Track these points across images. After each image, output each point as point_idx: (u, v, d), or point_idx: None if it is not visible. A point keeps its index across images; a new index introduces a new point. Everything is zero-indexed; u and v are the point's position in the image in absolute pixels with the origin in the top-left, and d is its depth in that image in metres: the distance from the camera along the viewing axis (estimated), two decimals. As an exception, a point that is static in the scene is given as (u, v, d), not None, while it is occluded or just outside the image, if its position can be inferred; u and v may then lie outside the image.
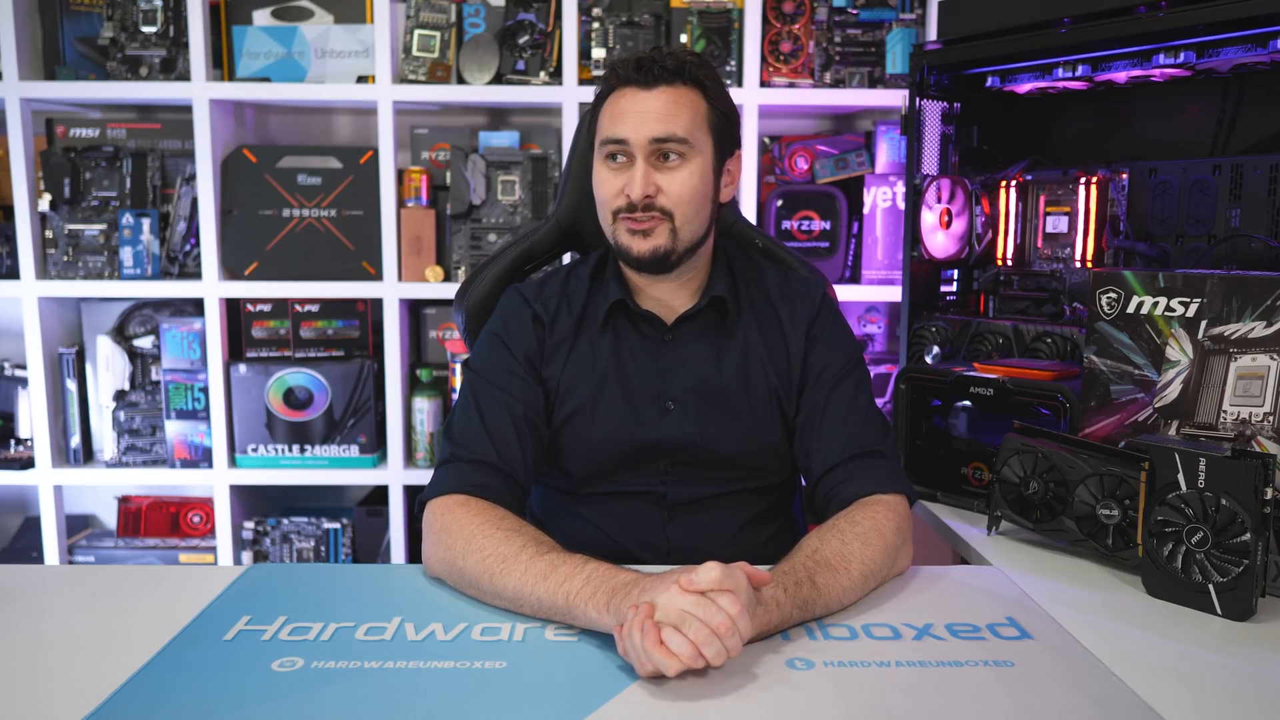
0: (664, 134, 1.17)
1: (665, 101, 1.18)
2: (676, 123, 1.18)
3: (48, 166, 2.18)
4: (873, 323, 2.38)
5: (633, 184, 1.18)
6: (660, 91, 1.18)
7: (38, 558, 2.32)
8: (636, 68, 1.19)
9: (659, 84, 1.18)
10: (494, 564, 1.03)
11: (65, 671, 0.91)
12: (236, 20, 2.19)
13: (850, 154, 2.23)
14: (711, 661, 0.86)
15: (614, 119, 1.19)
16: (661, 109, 1.18)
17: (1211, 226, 1.46)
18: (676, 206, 1.19)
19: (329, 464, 2.24)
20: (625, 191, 1.19)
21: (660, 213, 1.19)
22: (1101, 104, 1.73)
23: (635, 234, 1.20)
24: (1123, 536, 1.18)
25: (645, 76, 1.18)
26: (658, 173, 1.18)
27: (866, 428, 1.24)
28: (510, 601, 1.03)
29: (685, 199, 1.19)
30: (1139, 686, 0.89)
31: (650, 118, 1.17)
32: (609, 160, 1.21)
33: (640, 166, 1.18)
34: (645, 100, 1.18)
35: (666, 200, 1.19)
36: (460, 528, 1.09)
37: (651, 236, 1.19)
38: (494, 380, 1.24)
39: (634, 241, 1.20)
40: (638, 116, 1.18)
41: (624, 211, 1.20)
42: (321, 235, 2.21)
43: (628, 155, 1.19)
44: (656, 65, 1.18)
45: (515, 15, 2.17)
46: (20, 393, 2.34)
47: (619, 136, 1.18)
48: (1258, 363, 1.17)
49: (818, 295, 1.32)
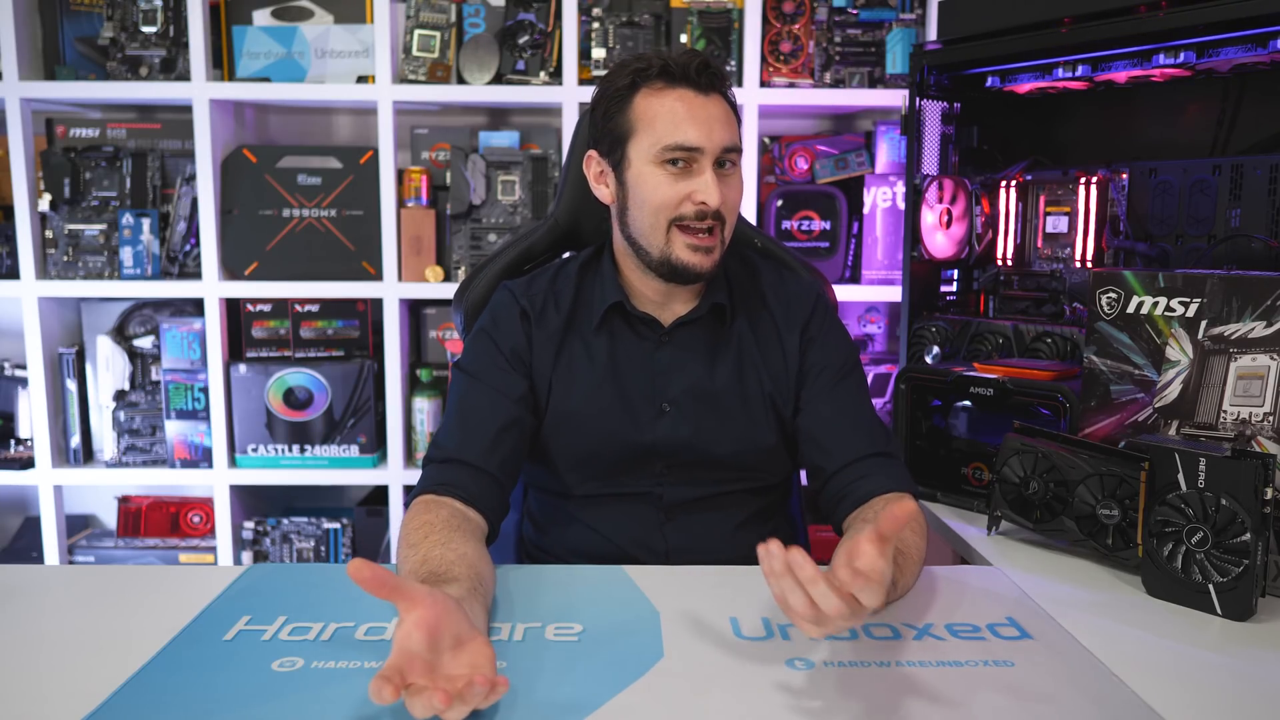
0: (730, 143, 1.17)
1: (723, 109, 1.18)
2: (735, 131, 1.19)
3: (48, 166, 2.18)
4: (873, 323, 2.38)
5: (709, 193, 1.16)
6: (716, 99, 1.18)
7: (38, 558, 2.32)
8: (699, 71, 1.17)
9: (714, 90, 1.18)
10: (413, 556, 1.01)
11: (65, 671, 0.91)
12: (236, 20, 2.19)
13: (850, 154, 2.23)
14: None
15: (677, 123, 1.16)
16: (723, 116, 1.17)
17: (1211, 226, 1.46)
18: (729, 215, 1.20)
19: (329, 464, 2.24)
20: (696, 199, 1.16)
21: (719, 222, 1.19)
22: (1101, 104, 1.73)
23: (699, 250, 1.18)
24: (1123, 536, 1.18)
25: (704, 81, 1.17)
26: (719, 181, 1.17)
27: (874, 429, 1.24)
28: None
29: (737, 207, 1.22)
30: (1139, 686, 0.89)
31: (717, 125, 1.16)
32: (669, 165, 1.17)
33: (711, 174, 1.16)
34: (707, 106, 1.17)
35: (726, 210, 1.19)
36: (406, 533, 1.08)
37: (713, 252, 1.19)
38: (480, 376, 1.24)
39: (697, 258, 1.19)
40: (705, 123, 1.16)
41: (689, 220, 1.18)
42: (321, 235, 2.21)
43: (692, 162, 1.17)
44: (712, 71, 1.17)
45: (515, 15, 2.17)
46: (20, 393, 2.35)
47: (692, 144, 1.15)
48: (1258, 363, 1.17)
49: (813, 295, 1.32)
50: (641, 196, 1.19)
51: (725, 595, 1.09)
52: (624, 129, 1.19)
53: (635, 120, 1.18)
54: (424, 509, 1.10)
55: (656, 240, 1.19)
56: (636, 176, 1.19)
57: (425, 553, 1.01)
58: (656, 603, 1.07)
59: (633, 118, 1.18)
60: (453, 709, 0.75)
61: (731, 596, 1.09)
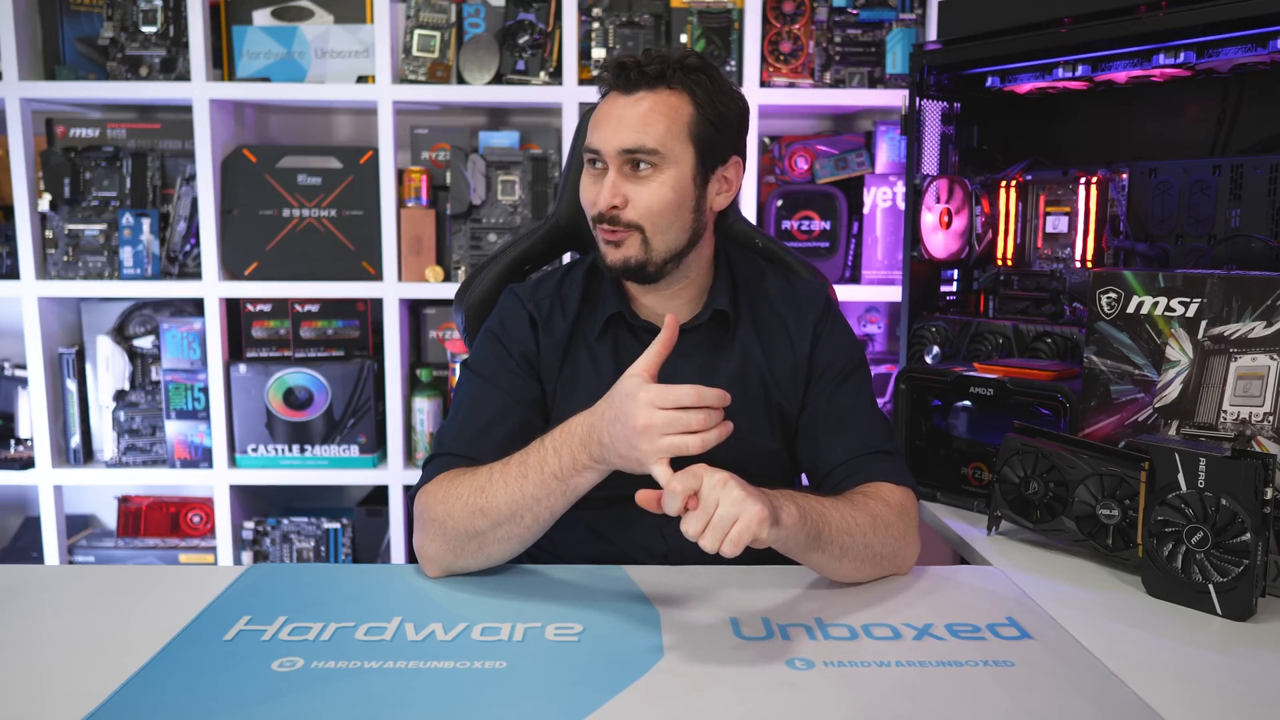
0: (632, 145, 1.14)
1: (643, 109, 1.15)
2: (648, 133, 1.15)
3: (48, 166, 2.18)
4: (873, 323, 2.38)
5: (600, 194, 1.17)
6: (640, 98, 1.16)
7: (38, 558, 2.32)
8: (618, 71, 1.17)
9: (639, 89, 1.16)
10: (476, 498, 1.07)
11: (65, 671, 0.91)
12: (236, 20, 2.19)
13: (850, 154, 2.23)
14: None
15: (593, 125, 1.18)
16: (636, 118, 1.15)
17: (1211, 226, 1.46)
18: (645, 218, 1.17)
19: (329, 464, 2.24)
20: (595, 200, 1.18)
21: (627, 225, 1.17)
22: (1101, 104, 1.73)
23: (609, 244, 1.19)
24: (1123, 536, 1.18)
25: (625, 81, 1.16)
26: (628, 182, 1.16)
27: (873, 429, 1.24)
28: (511, 517, 1.06)
29: (655, 210, 1.17)
30: (1139, 686, 0.89)
31: (623, 126, 1.15)
32: (590, 166, 1.20)
33: (610, 177, 1.16)
34: (623, 107, 1.16)
35: (634, 212, 1.17)
36: (437, 497, 1.11)
37: (622, 247, 1.18)
38: (490, 378, 1.24)
39: (607, 251, 1.20)
40: (612, 125, 1.16)
41: (599, 220, 1.19)
42: (321, 235, 2.21)
43: (604, 163, 1.18)
44: (637, 69, 1.16)
45: (515, 15, 2.17)
46: (20, 393, 2.35)
47: (592, 146, 1.18)
48: (1258, 363, 1.17)
49: (821, 297, 1.32)
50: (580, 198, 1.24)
51: (725, 595, 1.10)
52: (582, 133, 1.24)
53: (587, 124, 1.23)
54: (457, 473, 1.13)
55: (595, 239, 1.22)
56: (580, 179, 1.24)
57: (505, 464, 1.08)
58: (656, 603, 1.07)
59: (588, 122, 1.23)
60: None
61: (731, 596, 1.09)
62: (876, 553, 1.11)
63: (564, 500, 1.07)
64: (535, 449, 1.08)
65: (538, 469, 1.06)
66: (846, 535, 1.07)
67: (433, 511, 1.11)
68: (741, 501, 0.94)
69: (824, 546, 1.05)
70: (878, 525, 1.11)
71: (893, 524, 1.13)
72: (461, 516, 1.08)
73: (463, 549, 1.10)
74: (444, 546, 1.11)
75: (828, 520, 1.05)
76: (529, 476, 1.06)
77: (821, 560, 1.08)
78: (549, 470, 1.05)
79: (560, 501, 1.07)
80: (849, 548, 1.08)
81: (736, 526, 0.93)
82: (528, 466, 1.07)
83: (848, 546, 1.08)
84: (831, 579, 1.13)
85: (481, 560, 1.12)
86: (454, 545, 1.10)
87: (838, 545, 1.06)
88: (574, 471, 1.05)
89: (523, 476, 1.06)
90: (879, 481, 1.18)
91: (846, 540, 1.07)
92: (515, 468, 1.07)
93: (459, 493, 1.09)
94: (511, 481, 1.07)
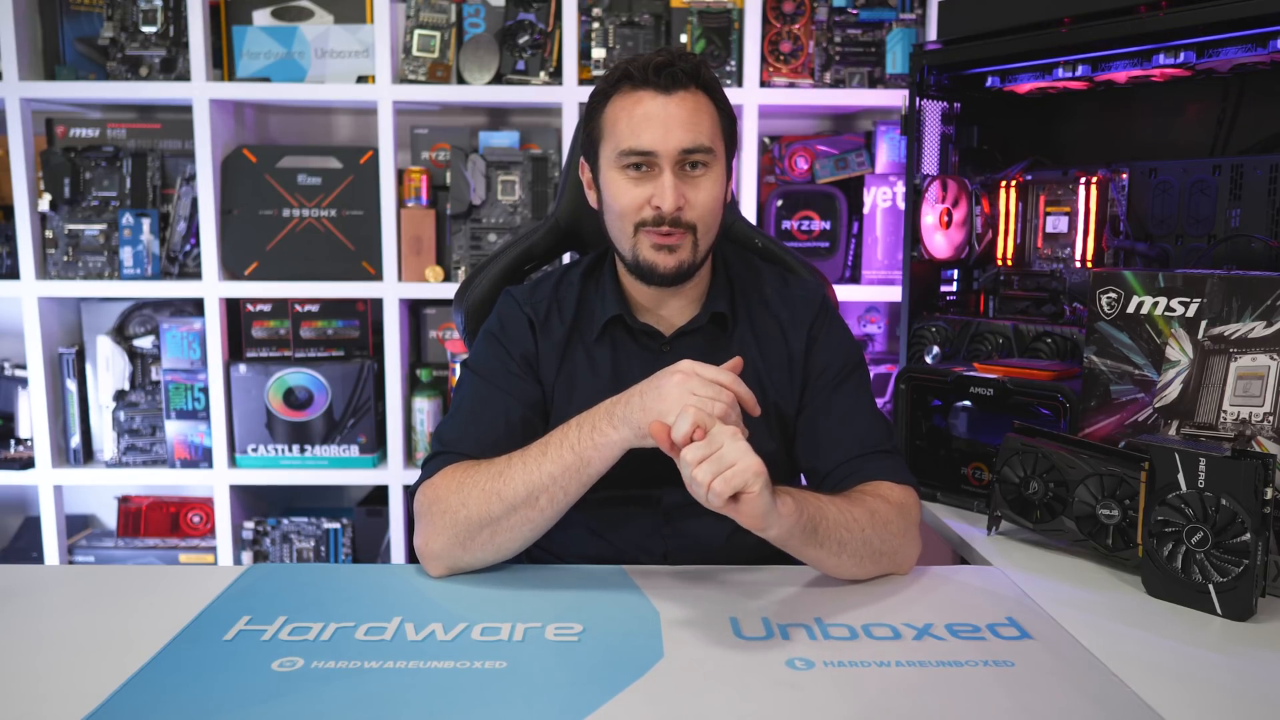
0: (692, 144, 1.13)
1: (689, 108, 1.14)
2: (701, 131, 1.14)
3: (48, 166, 2.18)
4: (873, 323, 2.38)
5: (663, 196, 1.13)
6: (681, 97, 1.14)
7: (38, 558, 2.32)
8: (657, 71, 1.13)
9: (678, 89, 1.14)
10: (494, 483, 1.09)
11: (65, 671, 0.91)
12: (236, 20, 2.19)
13: (850, 154, 2.23)
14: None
15: (635, 127, 1.14)
16: (686, 117, 1.13)
17: (1211, 226, 1.46)
18: (700, 219, 1.16)
19: (329, 464, 2.24)
20: (653, 203, 1.15)
21: (685, 227, 1.16)
22: (1101, 104, 1.73)
23: (661, 249, 1.16)
24: (1123, 536, 1.18)
25: (666, 81, 1.13)
26: (683, 183, 1.15)
27: (872, 429, 1.24)
28: (527, 499, 1.08)
29: (710, 210, 1.17)
30: (1139, 686, 0.89)
31: (676, 126, 1.13)
32: (629, 170, 1.16)
33: (669, 178, 1.13)
34: (667, 106, 1.13)
35: (692, 213, 1.15)
36: (449, 488, 1.11)
37: (678, 251, 1.16)
38: (491, 378, 1.24)
39: (659, 257, 1.17)
40: (663, 125, 1.13)
41: (650, 225, 1.16)
42: (321, 235, 2.21)
43: (651, 165, 1.15)
44: (675, 68, 1.13)
45: (515, 15, 2.17)
46: (20, 393, 2.35)
47: (645, 148, 1.13)
48: (1258, 363, 1.17)
49: (818, 298, 1.31)
50: (608, 202, 1.19)
51: (725, 595, 1.10)
52: (596, 136, 1.20)
53: (604, 126, 1.18)
54: (470, 464, 1.14)
55: (626, 243, 1.19)
56: (606, 182, 1.19)
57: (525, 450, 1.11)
58: (656, 603, 1.07)
59: (603, 124, 1.18)
60: None
61: (731, 596, 1.09)
62: (875, 549, 1.11)
63: (579, 482, 1.08)
64: (558, 431, 1.11)
65: (558, 446, 1.09)
66: (844, 530, 1.07)
67: (444, 502, 1.11)
68: (746, 452, 0.97)
69: (822, 541, 1.05)
70: (876, 521, 1.10)
71: (892, 520, 1.13)
72: (477, 502, 1.09)
73: (473, 539, 1.10)
74: (451, 539, 1.10)
75: (825, 514, 1.05)
76: (548, 454, 1.09)
77: (820, 555, 1.08)
78: (568, 444, 1.08)
79: (575, 483, 1.08)
80: (847, 542, 1.08)
81: (734, 468, 0.95)
82: (549, 446, 1.09)
83: (846, 541, 1.07)
84: (831, 575, 1.13)
85: (490, 552, 1.12)
86: (464, 536, 1.10)
87: (835, 540, 1.06)
88: (593, 443, 1.07)
89: (542, 455, 1.09)
90: (879, 480, 1.18)
91: (844, 535, 1.07)
92: (536, 449, 1.10)
93: (475, 480, 1.10)
94: (530, 463, 1.09)
